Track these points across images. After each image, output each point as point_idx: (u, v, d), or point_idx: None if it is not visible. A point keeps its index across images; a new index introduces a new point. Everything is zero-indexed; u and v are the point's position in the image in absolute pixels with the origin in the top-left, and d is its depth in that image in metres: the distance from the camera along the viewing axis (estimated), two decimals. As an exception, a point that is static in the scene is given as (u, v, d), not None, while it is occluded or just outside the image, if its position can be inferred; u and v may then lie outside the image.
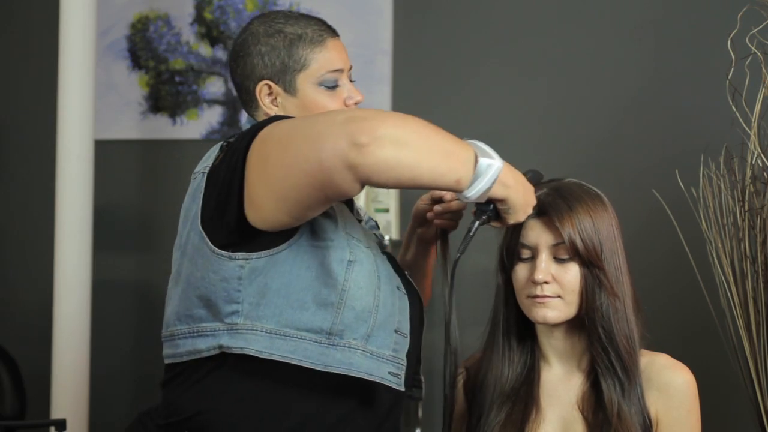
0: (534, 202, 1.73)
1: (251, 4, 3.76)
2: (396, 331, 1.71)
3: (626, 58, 3.43)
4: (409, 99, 3.60)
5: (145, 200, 3.81)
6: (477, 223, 1.71)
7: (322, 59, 1.80)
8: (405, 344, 1.73)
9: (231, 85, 3.86)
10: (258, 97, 1.81)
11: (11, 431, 3.24)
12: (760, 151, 2.73)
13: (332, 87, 1.80)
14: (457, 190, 1.61)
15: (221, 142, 1.75)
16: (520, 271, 1.79)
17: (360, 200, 3.45)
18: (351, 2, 3.65)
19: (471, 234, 1.72)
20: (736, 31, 2.79)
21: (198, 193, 1.72)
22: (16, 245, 3.90)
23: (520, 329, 1.84)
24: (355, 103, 1.82)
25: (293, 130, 1.60)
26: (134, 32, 3.86)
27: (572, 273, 1.76)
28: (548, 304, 1.76)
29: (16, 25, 3.95)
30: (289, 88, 1.80)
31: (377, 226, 1.99)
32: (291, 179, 1.57)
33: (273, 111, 1.80)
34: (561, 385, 1.82)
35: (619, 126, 3.41)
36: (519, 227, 1.79)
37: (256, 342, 1.66)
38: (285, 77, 1.79)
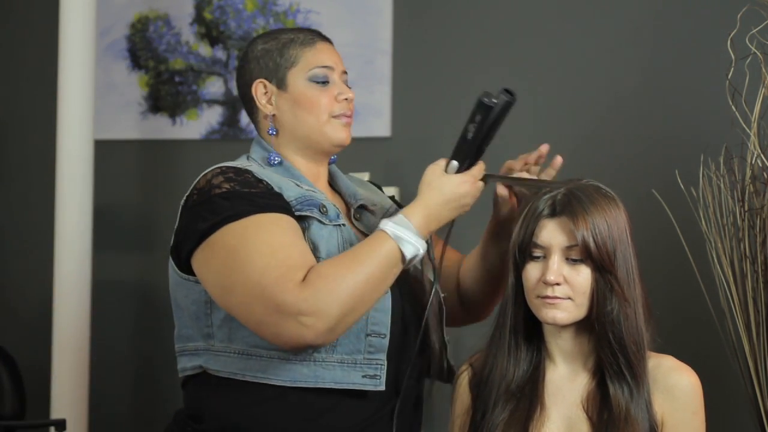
0: (469, 194, 1.81)
1: (251, 4, 3.76)
2: (369, 335, 1.74)
3: (626, 57, 3.43)
4: (409, 99, 3.60)
5: (145, 200, 3.81)
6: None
7: (311, 56, 1.88)
8: (383, 344, 1.76)
9: (231, 85, 3.86)
10: (255, 96, 1.89)
11: (11, 431, 3.24)
12: (759, 151, 2.73)
13: (322, 82, 1.87)
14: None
15: (202, 174, 1.81)
16: (531, 270, 1.79)
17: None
18: (351, 2, 3.65)
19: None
20: (736, 31, 2.80)
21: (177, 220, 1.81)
22: (16, 245, 3.90)
23: (527, 327, 1.84)
24: (346, 99, 1.88)
25: (256, 283, 1.66)
26: (134, 32, 3.86)
27: (584, 275, 1.76)
28: (558, 305, 1.76)
29: (16, 25, 3.95)
30: (281, 85, 1.87)
31: (387, 207, 1.99)
32: (246, 323, 1.71)
33: (268, 110, 1.88)
34: (566, 385, 1.82)
35: (618, 126, 3.41)
36: (532, 226, 1.78)
37: (231, 364, 1.75)
38: (277, 74, 1.87)
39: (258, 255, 1.66)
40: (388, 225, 1.71)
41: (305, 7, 3.69)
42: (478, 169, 1.84)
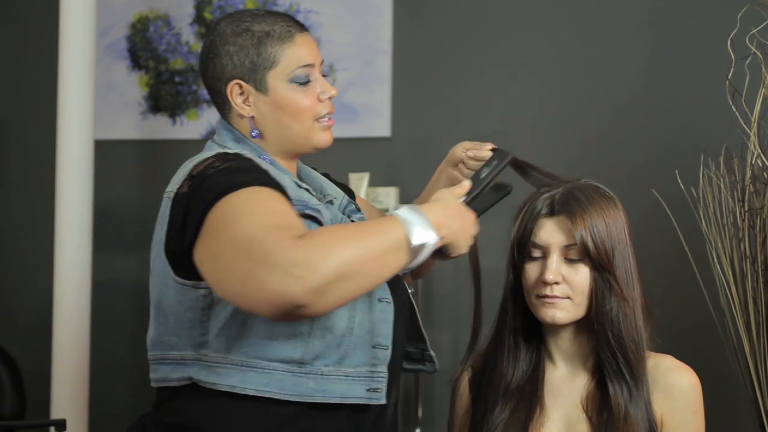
0: (472, 230, 1.68)
1: (251, 5, 3.76)
2: (374, 347, 1.69)
3: (626, 57, 3.43)
4: (409, 99, 3.60)
5: (145, 200, 3.81)
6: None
7: (292, 55, 1.77)
8: (386, 356, 1.70)
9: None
10: (230, 98, 1.79)
11: (11, 431, 3.24)
12: (759, 151, 2.73)
13: (304, 83, 1.77)
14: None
15: (192, 165, 1.74)
16: (530, 270, 1.79)
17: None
18: (351, 2, 3.65)
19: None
20: (736, 31, 2.80)
21: (163, 219, 1.70)
22: (16, 245, 3.90)
23: (526, 327, 1.84)
24: (329, 98, 1.79)
25: (245, 238, 1.53)
26: (134, 32, 3.86)
27: (582, 274, 1.76)
28: (557, 304, 1.76)
29: (16, 25, 3.95)
30: (261, 87, 1.77)
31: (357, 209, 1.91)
32: (230, 287, 1.55)
33: (246, 111, 1.79)
34: (565, 385, 1.82)
35: (618, 126, 3.41)
36: (531, 225, 1.78)
37: (229, 377, 1.65)
38: (255, 75, 1.77)
39: (251, 214, 1.55)
40: (401, 209, 1.60)
41: (305, 7, 3.69)
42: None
